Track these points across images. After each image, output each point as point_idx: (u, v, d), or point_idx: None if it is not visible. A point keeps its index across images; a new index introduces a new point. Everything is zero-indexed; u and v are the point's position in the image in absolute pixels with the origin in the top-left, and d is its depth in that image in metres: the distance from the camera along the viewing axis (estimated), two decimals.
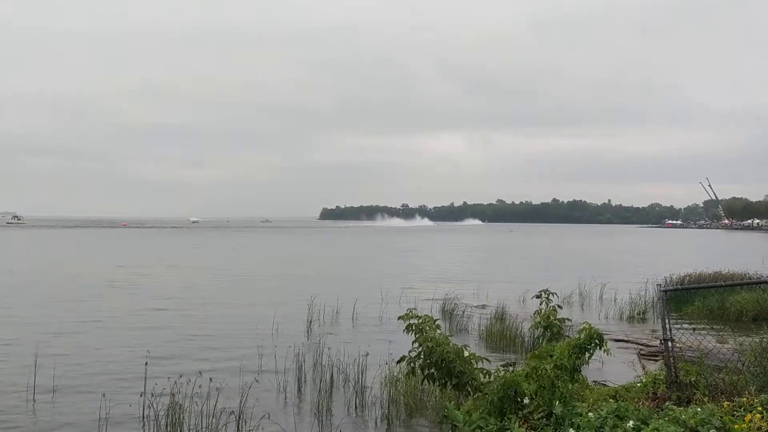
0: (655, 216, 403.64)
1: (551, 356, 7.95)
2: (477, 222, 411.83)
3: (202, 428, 10.36)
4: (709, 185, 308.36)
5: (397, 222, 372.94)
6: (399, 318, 9.01)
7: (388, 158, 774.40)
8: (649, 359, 15.66)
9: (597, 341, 8.04)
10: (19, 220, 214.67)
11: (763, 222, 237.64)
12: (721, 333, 12.01)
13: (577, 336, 8.13)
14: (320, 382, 13.51)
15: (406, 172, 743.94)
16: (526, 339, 18.29)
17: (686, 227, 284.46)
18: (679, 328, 11.98)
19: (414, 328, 8.75)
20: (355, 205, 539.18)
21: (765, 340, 10.59)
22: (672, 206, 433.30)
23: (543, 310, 9.58)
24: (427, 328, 8.67)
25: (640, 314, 25.11)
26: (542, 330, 9.46)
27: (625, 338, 19.77)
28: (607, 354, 8.52)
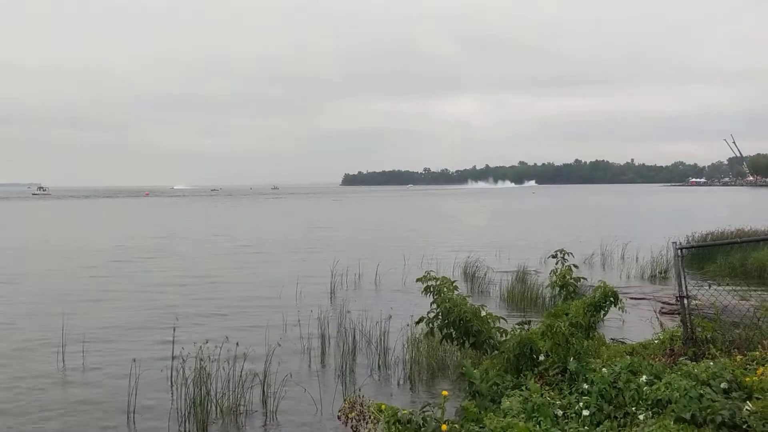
0: (678, 174, 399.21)
1: (567, 314, 8.10)
2: (533, 183, 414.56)
3: (228, 391, 10.64)
4: (734, 142, 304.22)
5: (482, 185, 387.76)
6: (417, 280, 9.18)
7: (404, 123, 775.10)
8: (669, 317, 15.76)
9: (612, 299, 8.17)
10: (44, 191, 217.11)
11: None
12: (735, 290, 12.05)
13: (593, 294, 8.26)
14: (343, 344, 13.75)
15: (423, 137, 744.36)
16: (546, 299, 18.42)
17: (710, 185, 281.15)
18: (700, 286, 12.08)
19: (432, 289, 8.92)
20: (377, 170, 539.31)
21: None
22: (696, 164, 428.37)
23: (559, 270, 9.70)
24: (445, 289, 8.83)
25: (661, 273, 25.11)
26: (558, 289, 9.60)
27: (646, 296, 19.87)
28: (622, 311, 8.66)
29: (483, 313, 8.62)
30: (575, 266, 9.82)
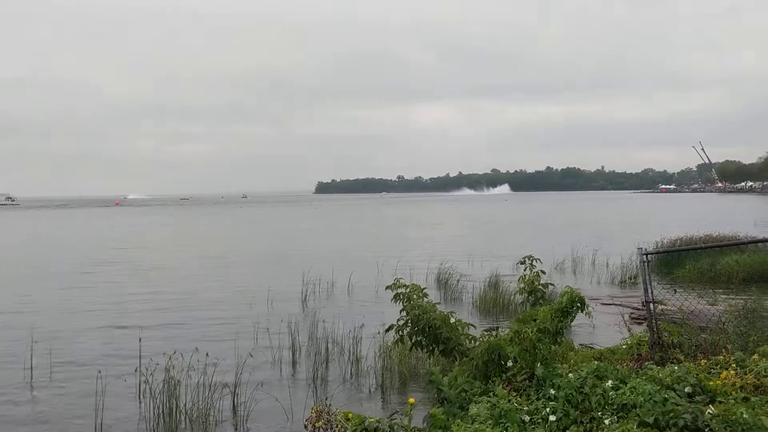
0: (648, 181, 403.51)
1: (534, 320, 8.16)
2: (507, 190, 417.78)
3: (198, 402, 10.56)
4: (702, 149, 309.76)
5: (469, 192, 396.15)
6: (387, 288, 9.19)
7: (377, 131, 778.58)
8: (638, 322, 15.92)
9: (578, 304, 8.24)
10: (13, 201, 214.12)
11: (756, 184, 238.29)
12: (701, 294, 12.25)
13: (560, 300, 8.33)
14: (315, 354, 13.74)
15: (397, 145, 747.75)
16: (518, 305, 18.51)
17: (680, 191, 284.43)
18: (668, 291, 12.22)
19: (402, 296, 8.93)
20: (350, 178, 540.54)
21: (749, 301, 10.84)
22: (665, 171, 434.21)
23: (527, 276, 9.76)
24: (415, 296, 8.84)
25: (631, 278, 25.34)
26: (526, 295, 9.66)
27: (615, 302, 20.03)
28: (589, 317, 8.74)
29: (452, 320, 8.65)
30: (543, 272, 9.89)
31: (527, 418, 6.76)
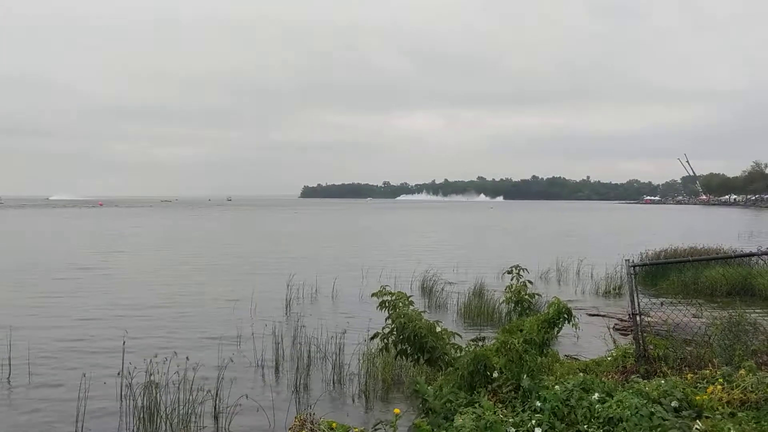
0: (633, 192, 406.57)
1: (521, 331, 8.09)
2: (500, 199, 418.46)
3: (179, 407, 10.42)
4: (687, 161, 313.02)
5: (453, 199, 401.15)
6: (372, 295, 9.12)
7: (362, 137, 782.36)
8: (623, 333, 15.91)
9: (566, 316, 8.19)
10: None
11: (739, 197, 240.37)
12: (687, 306, 12.24)
13: (547, 311, 8.28)
14: (298, 359, 13.58)
15: (382, 151, 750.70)
16: (503, 314, 18.47)
17: (664, 203, 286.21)
18: (653, 303, 12.22)
19: (387, 304, 8.85)
20: (336, 183, 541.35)
21: (734, 314, 10.83)
22: (650, 182, 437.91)
23: (514, 286, 9.71)
24: (401, 304, 8.77)
25: (616, 289, 25.34)
26: (513, 305, 9.61)
27: (600, 313, 20.04)
28: (576, 329, 8.69)
29: (438, 329, 8.58)
30: (530, 282, 9.84)
31: (513, 430, 6.68)
